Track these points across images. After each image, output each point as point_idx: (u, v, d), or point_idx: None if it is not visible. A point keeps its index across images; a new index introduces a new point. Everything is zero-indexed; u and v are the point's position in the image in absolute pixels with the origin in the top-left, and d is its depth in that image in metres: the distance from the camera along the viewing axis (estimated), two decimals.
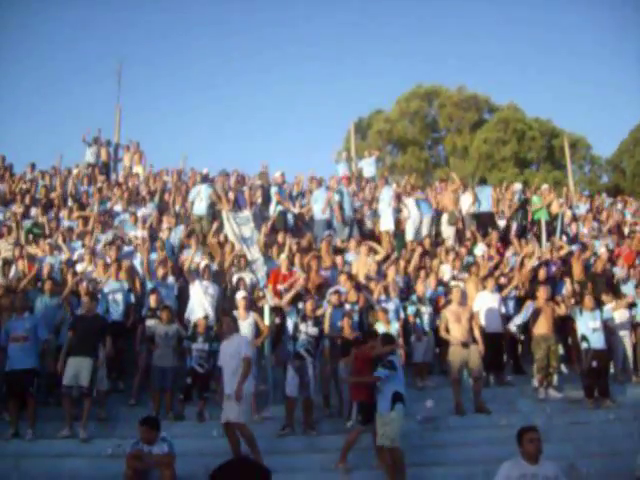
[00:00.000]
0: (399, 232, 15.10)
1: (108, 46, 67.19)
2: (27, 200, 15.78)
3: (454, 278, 12.55)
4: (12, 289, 10.73)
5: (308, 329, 9.91)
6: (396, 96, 44.13)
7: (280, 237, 13.87)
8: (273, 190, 16.06)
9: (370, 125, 42.90)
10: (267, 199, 16.55)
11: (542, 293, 11.36)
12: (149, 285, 11.55)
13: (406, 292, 12.12)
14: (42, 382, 9.75)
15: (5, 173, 19.68)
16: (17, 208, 15.07)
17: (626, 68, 56.54)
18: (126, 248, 13.02)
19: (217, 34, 77.19)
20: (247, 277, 11.69)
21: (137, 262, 12.44)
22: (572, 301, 12.16)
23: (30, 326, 9.57)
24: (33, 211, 15.16)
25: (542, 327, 11.03)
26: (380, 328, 10.18)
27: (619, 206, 21.76)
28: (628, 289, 13.03)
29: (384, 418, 8.14)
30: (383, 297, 11.37)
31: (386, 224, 15.10)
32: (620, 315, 11.90)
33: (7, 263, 11.62)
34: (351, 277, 11.52)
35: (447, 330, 10.52)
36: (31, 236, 13.50)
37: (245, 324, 10.01)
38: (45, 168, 20.19)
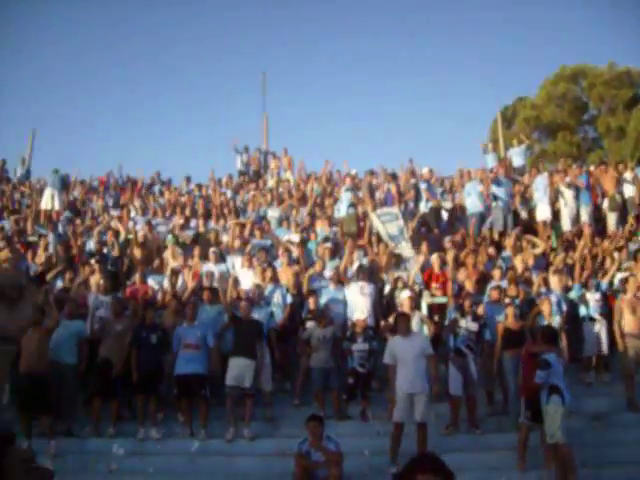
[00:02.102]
0: (556, 222, 14.56)
1: (253, 56, 69.67)
2: (187, 212, 16.60)
3: (620, 267, 11.89)
4: (179, 298, 11.29)
5: (468, 324, 9.73)
6: (540, 80, 42.55)
7: (432, 234, 13.73)
8: (422, 187, 15.91)
9: (516, 113, 41.60)
10: (417, 196, 16.43)
11: None
12: (309, 288, 11.73)
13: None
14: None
15: (163, 187, 20.89)
16: (177, 220, 15.88)
17: None
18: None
19: (359, 38, 77.63)
20: (404, 275, 11.62)
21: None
22: None
23: (201, 334, 10.01)
24: (193, 222, 15.89)
25: None
26: (543, 322, 9.84)
27: None
28: None
29: (543, 412, 7.92)
30: (544, 289, 10.99)
31: (542, 214, 14.59)
32: None
33: (175, 273, 12.22)
34: (509, 271, 11.21)
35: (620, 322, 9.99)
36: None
37: (412, 323, 9.86)
38: (200, 180, 21.32)
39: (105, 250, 14.01)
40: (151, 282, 12.17)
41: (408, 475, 2.73)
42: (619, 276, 11.52)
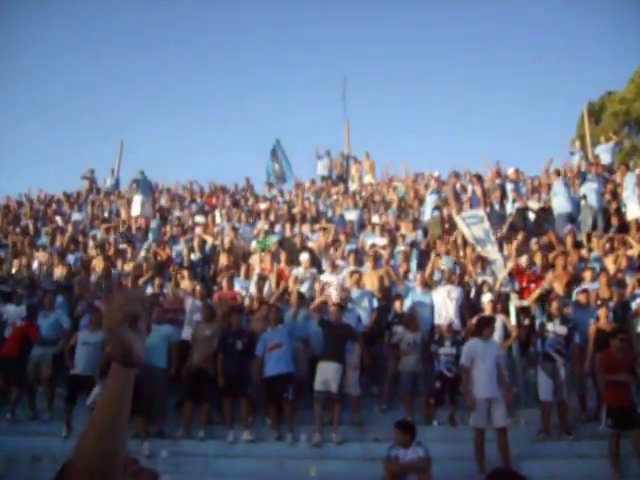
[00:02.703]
0: None
1: (332, 62, 70.11)
2: (272, 217, 16.80)
3: None
4: (266, 303, 11.43)
5: (556, 328, 9.50)
6: (629, 73, 41.12)
7: (519, 236, 13.45)
8: (509, 187, 15.65)
9: (603, 108, 40.36)
10: (503, 197, 16.18)
11: None
12: (395, 291, 11.71)
13: None
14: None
15: (246, 193, 21.24)
16: (262, 225, 16.08)
17: None
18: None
19: (440, 42, 76.90)
20: (489, 279, 11.44)
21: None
22: None
23: (283, 336, 10.15)
24: (277, 227, 16.08)
25: None
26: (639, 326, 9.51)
27: None
28: None
29: None
30: (638, 291, 10.61)
31: (634, 212, 14.09)
32: None
33: (262, 279, 12.39)
34: (602, 272, 10.89)
35: None
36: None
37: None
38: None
39: (193, 257, 14.35)
40: (238, 287, 12.40)
41: None
42: None
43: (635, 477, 7.98)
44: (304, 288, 11.89)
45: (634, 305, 10.16)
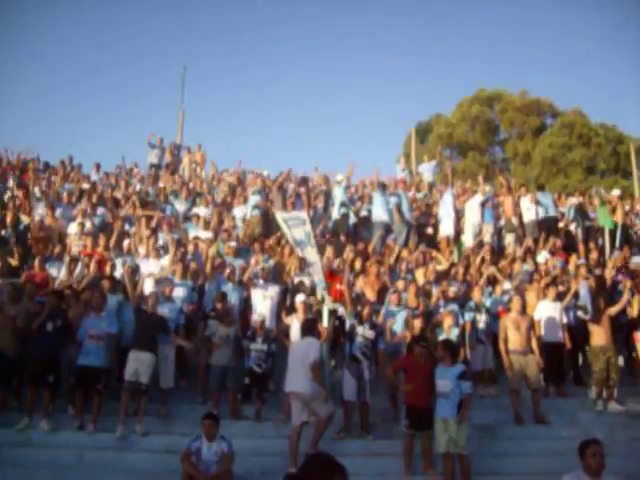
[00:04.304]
0: (459, 238, 14.97)
1: (172, 51, 68.72)
2: (94, 199, 16.12)
3: (514, 287, 12.33)
4: (74, 288, 10.99)
5: (365, 332, 9.91)
6: (457, 100, 43.75)
7: (339, 240, 13.89)
8: (335, 192, 16.10)
9: (430, 129, 42.58)
10: (327, 202, 16.61)
11: (601, 303, 11.01)
12: (214, 286, 11.63)
13: (463, 299, 11.83)
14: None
15: (71, 172, 20.23)
16: (83, 207, 15.37)
17: None
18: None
19: (280, 37, 77.60)
20: (307, 280, 11.71)
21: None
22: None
23: (105, 325, 9.80)
24: (99, 210, 15.46)
25: (600, 338, 10.64)
26: (441, 334, 10.09)
27: None
28: None
29: (450, 424, 8.16)
30: (442, 302, 11.29)
31: (446, 230, 14.95)
32: None
33: (74, 260, 11.89)
34: (411, 283, 11.49)
35: (506, 339, 10.36)
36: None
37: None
38: (109, 168, 20.93)
39: (3, 233, 13.52)
40: (50, 269, 11.78)
41: (324, 476, 2.81)
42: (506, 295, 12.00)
43: (422, 474, 8.49)
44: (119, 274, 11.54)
45: (438, 315, 10.79)
